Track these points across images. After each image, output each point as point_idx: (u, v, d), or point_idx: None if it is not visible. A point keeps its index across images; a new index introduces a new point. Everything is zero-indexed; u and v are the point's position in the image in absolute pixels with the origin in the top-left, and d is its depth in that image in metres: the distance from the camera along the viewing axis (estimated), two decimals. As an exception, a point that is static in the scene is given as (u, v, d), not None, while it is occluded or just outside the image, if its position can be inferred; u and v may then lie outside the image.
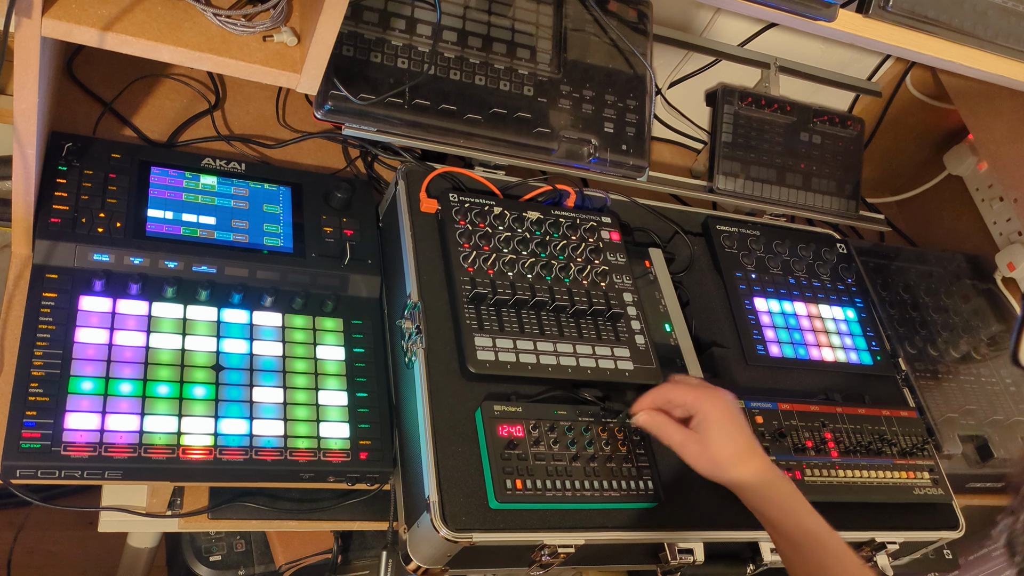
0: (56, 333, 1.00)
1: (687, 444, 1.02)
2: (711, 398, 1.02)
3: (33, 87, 0.88)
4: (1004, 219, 1.72)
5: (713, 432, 1.00)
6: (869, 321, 1.45)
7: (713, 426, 1.00)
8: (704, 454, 1.01)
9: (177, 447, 0.98)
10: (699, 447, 1.01)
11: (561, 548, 1.03)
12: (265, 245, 1.16)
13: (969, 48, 1.18)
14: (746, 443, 1.01)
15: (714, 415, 1.00)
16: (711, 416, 1.01)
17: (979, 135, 1.59)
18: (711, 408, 1.01)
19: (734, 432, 1.01)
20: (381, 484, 1.09)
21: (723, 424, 1.00)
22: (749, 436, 1.02)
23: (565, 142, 1.32)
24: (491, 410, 1.04)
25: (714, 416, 1.00)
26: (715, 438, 1.00)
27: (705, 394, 1.02)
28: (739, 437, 1.01)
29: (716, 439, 1.00)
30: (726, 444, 1.00)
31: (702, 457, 1.01)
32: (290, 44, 0.95)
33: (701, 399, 1.02)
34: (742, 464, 1.00)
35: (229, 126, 1.34)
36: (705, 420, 1.01)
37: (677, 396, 1.04)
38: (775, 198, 1.54)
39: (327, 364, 1.12)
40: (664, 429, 1.04)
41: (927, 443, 1.31)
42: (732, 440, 1.00)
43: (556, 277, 1.18)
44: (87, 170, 1.11)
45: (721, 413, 1.01)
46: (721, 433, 1.00)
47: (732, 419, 1.01)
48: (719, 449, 1.00)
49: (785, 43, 1.61)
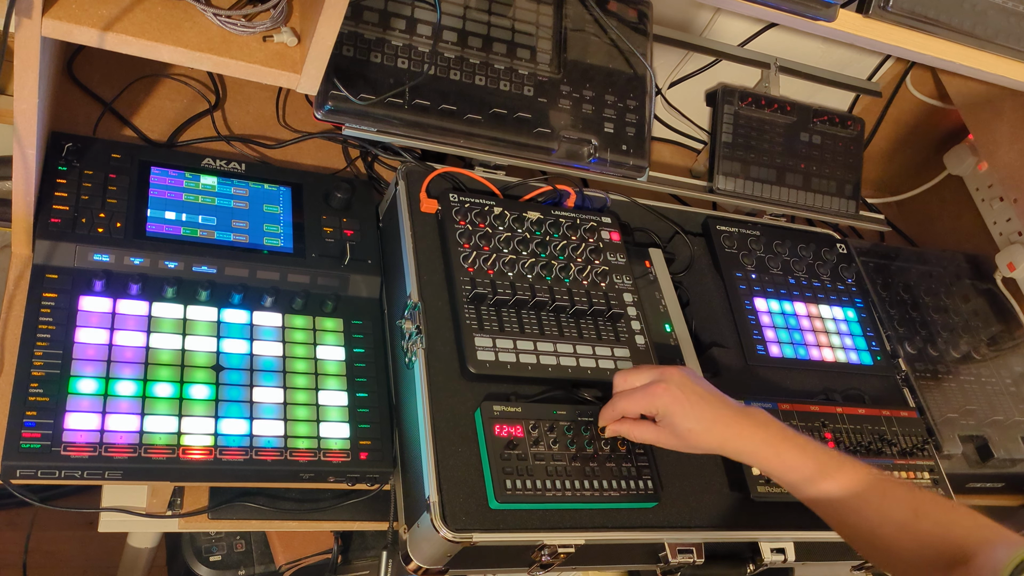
0: (56, 333, 1.00)
1: (661, 439, 1.03)
2: (658, 394, 1.01)
3: (33, 87, 0.88)
4: (1004, 219, 1.72)
5: (677, 421, 1.00)
6: (869, 321, 1.45)
7: (674, 416, 1.00)
8: (681, 442, 1.01)
9: (177, 447, 0.98)
10: (673, 439, 1.02)
11: (561, 548, 1.03)
12: (265, 245, 1.16)
13: (969, 48, 1.18)
14: (709, 410, 1.00)
15: (669, 407, 1.00)
16: (667, 408, 1.00)
17: (979, 135, 1.59)
18: (661, 402, 1.00)
19: (692, 410, 1.00)
20: (381, 484, 1.09)
21: (683, 409, 1.00)
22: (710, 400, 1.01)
23: (565, 142, 1.32)
24: (491, 410, 1.04)
25: (669, 407, 1.00)
26: (680, 425, 1.00)
27: (650, 391, 1.01)
28: (698, 410, 1.00)
29: (682, 425, 1.00)
30: (693, 426, 1.00)
31: (681, 445, 1.02)
32: (290, 44, 0.95)
33: (649, 398, 1.01)
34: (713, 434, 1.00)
35: (229, 126, 1.34)
36: (664, 414, 1.01)
37: (627, 406, 1.03)
38: (775, 198, 1.54)
39: (327, 364, 1.12)
40: (633, 433, 1.04)
41: (927, 443, 1.31)
42: (697, 419, 1.00)
43: (556, 277, 1.18)
44: (87, 170, 1.11)
45: (673, 400, 1.00)
46: (685, 418, 1.00)
47: (686, 400, 1.00)
48: (690, 435, 1.00)
49: (785, 43, 1.61)
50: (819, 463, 0.98)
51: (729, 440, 1.01)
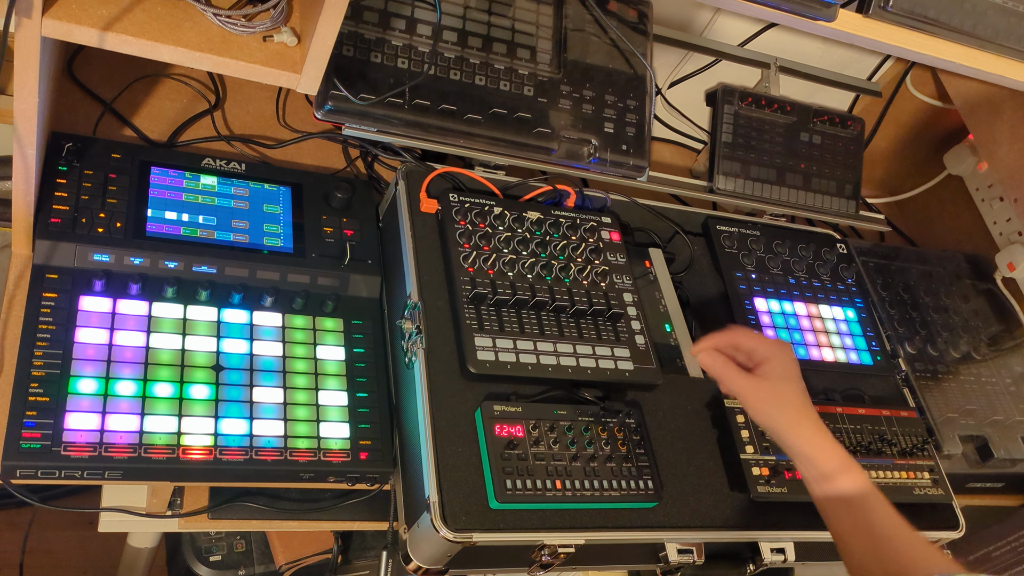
0: (56, 333, 1.00)
1: (752, 388, 1.02)
2: (784, 349, 1.04)
3: (33, 87, 0.88)
4: (1004, 219, 1.72)
5: (784, 382, 1.02)
6: (869, 321, 1.45)
7: (785, 374, 1.02)
8: (772, 400, 1.01)
9: (177, 447, 0.98)
10: (767, 393, 1.01)
11: (561, 548, 1.03)
12: (265, 245, 1.16)
13: (969, 48, 1.18)
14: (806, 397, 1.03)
15: (788, 364, 1.02)
16: (785, 363, 1.02)
17: (979, 135, 1.59)
18: (785, 356, 1.02)
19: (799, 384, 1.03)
20: (381, 484, 1.09)
21: (793, 375, 1.02)
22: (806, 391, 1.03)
23: (565, 142, 1.32)
24: (491, 410, 1.04)
25: (787, 365, 1.02)
26: (784, 386, 1.01)
27: (776, 342, 1.04)
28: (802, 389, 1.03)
29: (785, 387, 1.01)
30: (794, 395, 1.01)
31: (767, 403, 1.01)
32: (290, 44, 0.95)
33: (773, 347, 1.03)
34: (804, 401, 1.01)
35: (229, 126, 1.34)
36: (779, 367, 1.02)
37: (747, 341, 1.05)
38: (775, 198, 1.54)
39: (327, 364, 1.12)
40: (727, 371, 1.04)
41: (927, 443, 1.31)
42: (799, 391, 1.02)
43: (556, 277, 1.18)
44: (87, 170, 1.11)
45: (793, 362, 1.03)
46: (790, 384, 1.02)
47: (797, 371, 1.04)
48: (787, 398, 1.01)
49: (785, 43, 1.61)
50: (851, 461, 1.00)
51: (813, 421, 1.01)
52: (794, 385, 1.03)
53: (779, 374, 1.03)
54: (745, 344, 1.06)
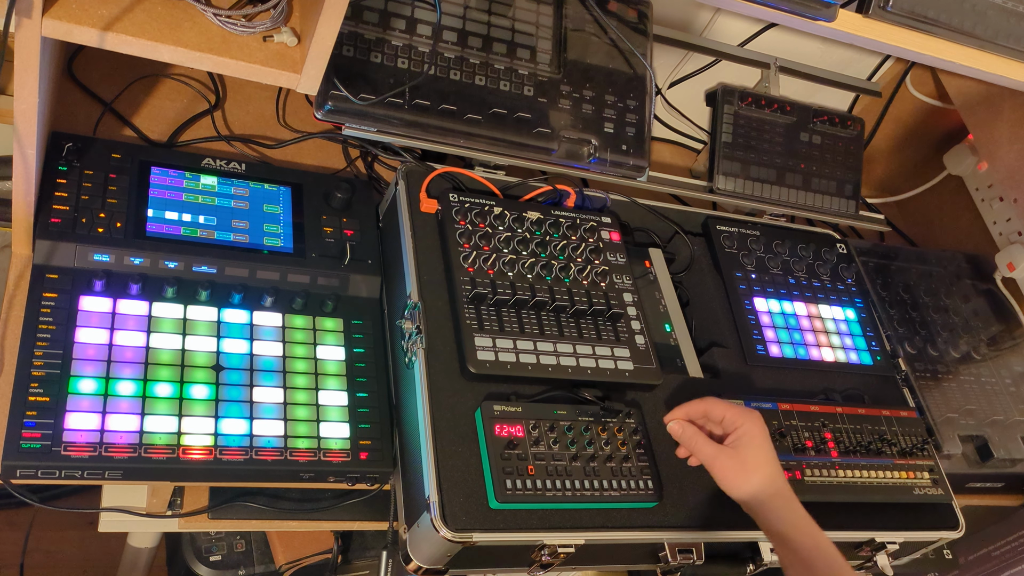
0: (56, 333, 1.00)
1: (720, 459, 1.03)
2: (753, 417, 1.04)
3: (33, 87, 0.88)
4: (1004, 219, 1.72)
5: (752, 451, 1.02)
6: (869, 321, 1.45)
7: (753, 444, 1.02)
8: (739, 470, 1.02)
9: (177, 447, 0.98)
10: (735, 463, 1.02)
11: (561, 548, 1.03)
12: (265, 245, 1.16)
13: (969, 48, 1.18)
14: (776, 467, 1.03)
15: (756, 434, 1.03)
16: (752, 433, 1.03)
17: (979, 135, 1.60)
18: (753, 426, 1.03)
19: (769, 454, 1.03)
20: (381, 484, 1.09)
21: (762, 445, 1.03)
22: (776, 460, 1.04)
23: (565, 142, 1.32)
24: (491, 410, 1.04)
25: (755, 435, 1.03)
26: (752, 456, 1.02)
27: (747, 413, 1.04)
28: (772, 459, 1.03)
29: (753, 457, 1.02)
30: (762, 464, 1.02)
31: (735, 473, 1.02)
32: (290, 44, 0.95)
33: (743, 416, 1.04)
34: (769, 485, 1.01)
35: (229, 126, 1.34)
36: (746, 436, 1.03)
37: (717, 410, 1.06)
38: (775, 198, 1.54)
39: (327, 364, 1.12)
40: (696, 441, 1.05)
41: (927, 443, 1.31)
42: (768, 461, 1.02)
43: (556, 277, 1.18)
44: (87, 170, 1.11)
45: (761, 433, 1.03)
46: (760, 453, 1.02)
47: (768, 441, 1.04)
48: (754, 468, 1.01)
49: (785, 43, 1.61)
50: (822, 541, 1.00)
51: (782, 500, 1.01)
52: (763, 455, 1.02)
53: (747, 443, 1.02)
54: (715, 413, 1.06)
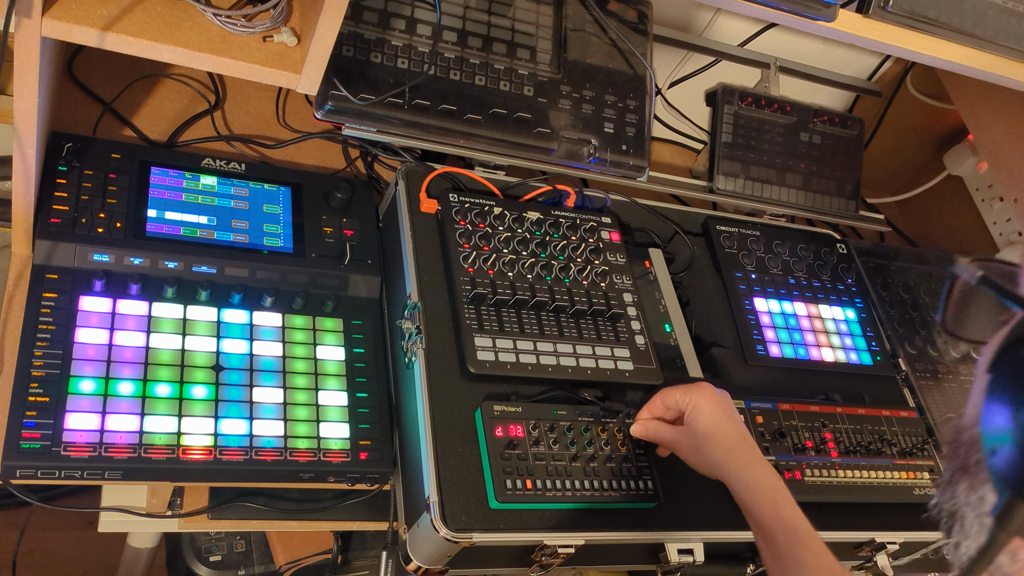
0: (56, 333, 1.00)
1: (679, 439, 1.03)
2: (699, 390, 1.03)
3: (33, 87, 0.88)
4: (1004, 219, 1.72)
5: (701, 421, 1.01)
6: (869, 321, 1.45)
7: (700, 411, 1.01)
8: (695, 446, 1.01)
9: (177, 447, 0.98)
10: (690, 439, 1.02)
11: (561, 548, 1.03)
12: (265, 245, 1.16)
13: (969, 48, 1.18)
14: (732, 427, 1.01)
15: (702, 405, 1.01)
16: (699, 406, 1.01)
17: (979, 135, 1.59)
18: (699, 399, 1.02)
19: (723, 421, 1.01)
20: (381, 484, 1.09)
21: (711, 409, 1.01)
22: (738, 425, 1.02)
23: (565, 142, 1.32)
24: (491, 410, 1.04)
25: (702, 406, 1.01)
26: (702, 424, 1.01)
27: (693, 388, 1.03)
28: (728, 426, 1.01)
29: (702, 423, 1.01)
30: (711, 426, 1.00)
31: (693, 449, 1.01)
32: (290, 44, 0.95)
33: (689, 392, 1.03)
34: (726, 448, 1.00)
35: (229, 126, 1.34)
36: (694, 410, 1.02)
37: (667, 397, 1.05)
38: (775, 198, 1.54)
39: (327, 364, 1.12)
40: (657, 431, 1.05)
41: (927, 443, 1.31)
42: (716, 422, 1.00)
43: (556, 277, 1.18)
44: (87, 170, 1.11)
45: (709, 403, 1.01)
46: (710, 421, 1.01)
47: (718, 405, 1.02)
48: (704, 432, 1.00)
49: (785, 43, 1.61)
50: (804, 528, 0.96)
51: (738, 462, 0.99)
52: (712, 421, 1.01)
53: (695, 415, 1.01)
54: (668, 400, 1.05)
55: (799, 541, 0.93)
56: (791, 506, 0.96)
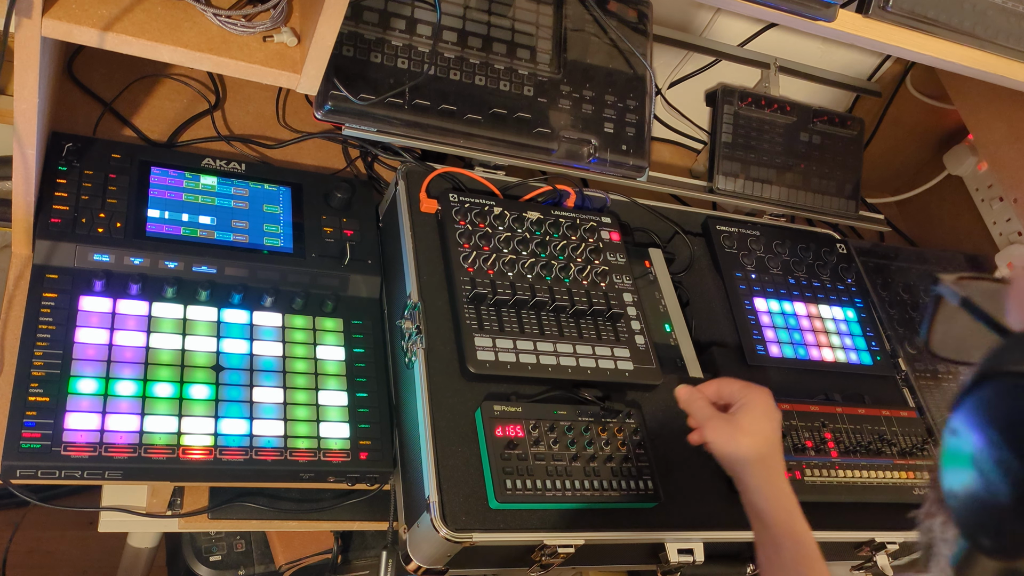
0: (56, 333, 1.00)
1: (713, 420, 1.02)
2: (759, 390, 1.03)
3: (33, 87, 0.88)
4: (1004, 219, 1.72)
5: (748, 417, 1.01)
6: (869, 321, 1.45)
7: (753, 411, 1.01)
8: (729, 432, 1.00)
9: (177, 447, 0.98)
10: (728, 426, 1.01)
11: (561, 548, 1.03)
12: (265, 245, 1.16)
13: (969, 48, 1.18)
14: (774, 441, 1.01)
15: (758, 403, 1.02)
16: (755, 402, 1.02)
17: (979, 135, 1.59)
18: (756, 397, 1.02)
19: (767, 427, 1.01)
20: (381, 484, 1.09)
21: (762, 415, 1.01)
22: (778, 437, 1.02)
23: (565, 142, 1.32)
24: (491, 410, 1.04)
25: (757, 404, 1.02)
26: (748, 422, 1.00)
27: (754, 387, 1.04)
28: (770, 434, 1.01)
29: (748, 423, 1.00)
30: (755, 431, 1.00)
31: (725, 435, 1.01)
32: (290, 44, 0.95)
33: (749, 388, 1.03)
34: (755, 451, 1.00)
35: (229, 126, 1.34)
36: (747, 404, 1.02)
37: (725, 386, 1.05)
38: (775, 198, 1.54)
39: (327, 364, 1.12)
40: (697, 403, 1.04)
41: (927, 443, 1.31)
42: (761, 430, 1.01)
43: (556, 277, 1.18)
44: (87, 170, 1.11)
45: (763, 404, 1.02)
46: (755, 420, 1.01)
47: (770, 416, 1.02)
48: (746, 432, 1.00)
49: (785, 43, 1.61)
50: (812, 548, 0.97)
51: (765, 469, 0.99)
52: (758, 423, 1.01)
53: (746, 410, 1.01)
54: (725, 390, 1.05)
55: (805, 559, 0.95)
56: (804, 524, 0.98)
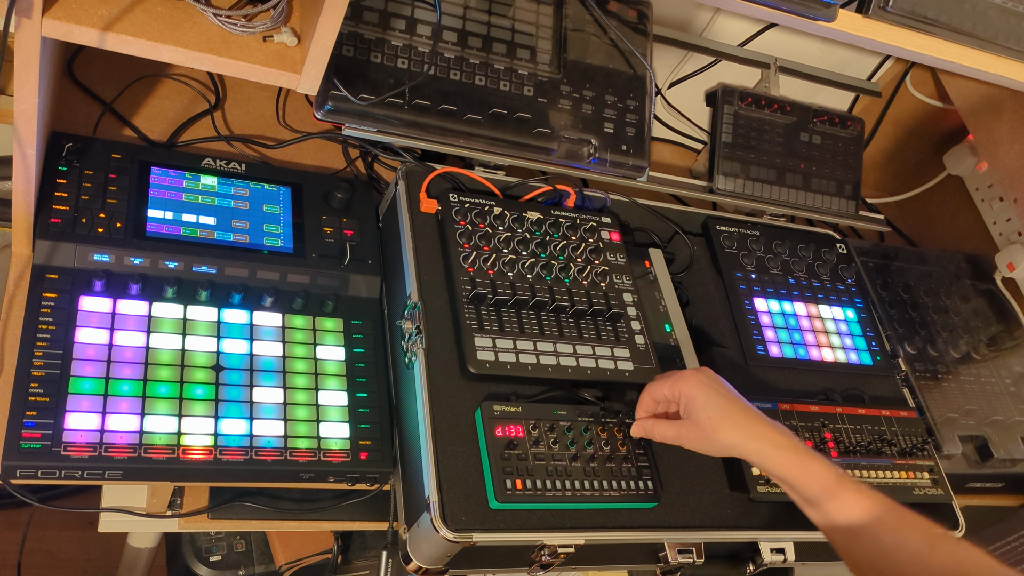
0: (56, 333, 1.00)
1: (683, 433, 1.02)
2: (684, 379, 1.02)
3: (33, 87, 0.88)
4: (1004, 219, 1.72)
5: (698, 407, 1.00)
6: (869, 321, 1.45)
7: (696, 401, 1.00)
8: (701, 436, 1.00)
9: (177, 447, 0.98)
10: (695, 432, 1.01)
11: (561, 548, 1.03)
12: (265, 245, 1.16)
13: (969, 48, 1.18)
14: (732, 405, 1.00)
15: (693, 391, 1.01)
16: (690, 393, 1.01)
17: (979, 135, 1.59)
18: (687, 386, 1.01)
19: (717, 399, 1.00)
20: (381, 484, 1.09)
21: (706, 396, 1.00)
22: (735, 400, 1.01)
23: (565, 142, 1.32)
24: (491, 410, 1.04)
25: (693, 392, 1.01)
26: (701, 412, 1.00)
27: (679, 378, 1.03)
28: (722, 401, 1.00)
29: (703, 412, 0.99)
30: (713, 412, 0.99)
31: (700, 438, 1.00)
32: (290, 44, 0.95)
33: (676, 384, 1.02)
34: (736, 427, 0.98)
35: (229, 126, 1.34)
36: (687, 400, 1.01)
37: (655, 392, 1.05)
38: (775, 198, 1.54)
39: (327, 364, 1.12)
40: (656, 429, 1.05)
41: (927, 443, 1.31)
42: (717, 406, 0.99)
43: (556, 277, 1.18)
44: (87, 170, 1.11)
45: (698, 386, 1.01)
46: (708, 406, 0.99)
47: (711, 388, 1.01)
48: (713, 426, 0.99)
49: (785, 43, 1.61)
50: (841, 479, 0.94)
51: (752, 437, 0.97)
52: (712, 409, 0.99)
53: (693, 406, 1.00)
54: (656, 394, 1.05)
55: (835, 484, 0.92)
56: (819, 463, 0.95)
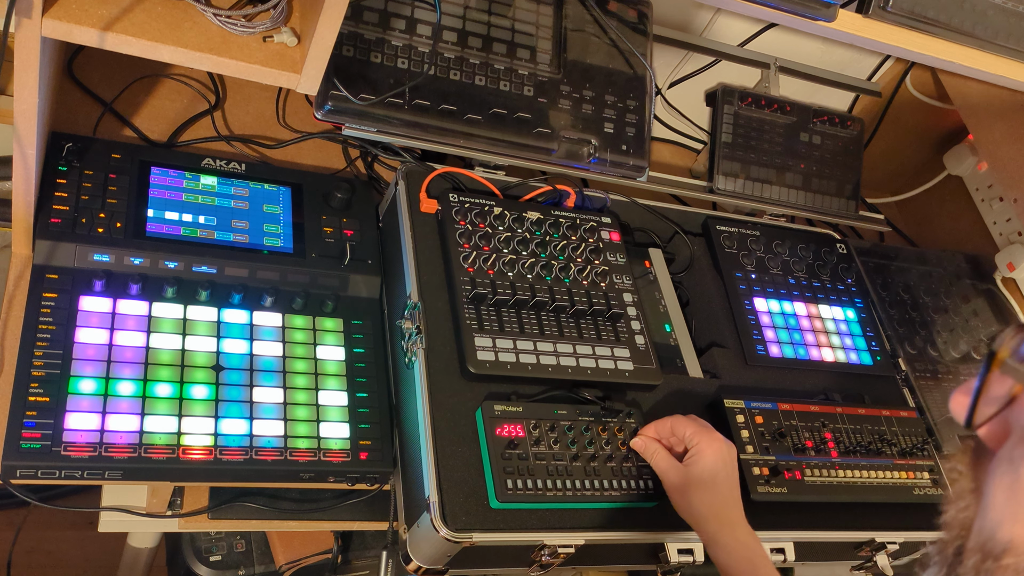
0: (56, 333, 1.00)
1: (670, 473, 1.02)
2: (709, 436, 1.02)
3: (33, 87, 0.88)
4: (1004, 219, 1.72)
5: (698, 467, 1.00)
6: (869, 321, 1.45)
7: (701, 461, 1.00)
8: (683, 487, 1.01)
9: (177, 447, 0.98)
10: (681, 479, 1.01)
11: (561, 548, 1.03)
12: (265, 245, 1.16)
13: (969, 48, 1.18)
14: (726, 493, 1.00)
15: (707, 453, 1.01)
16: (703, 451, 1.01)
17: (979, 135, 1.59)
18: (705, 445, 1.01)
19: (718, 477, 1.00)
20: (381, 484, 1.09)
21: (713, 465, 1.00)
22: (731, 486, 1.01)
23: (565, 142, 1.32)
24: (491, 410, 1.04)
25: (706, 454, 1.01)
26: (696, 473, 1.00)
27: (705, 431, 1.03)
28: (721, 484, 1.00)
29: (697, 477, 1.00)
30: (703, 488, 0.99)
31: (679, 489, 1.01)
32: (290, 44, 0.95)
33: (700, 433, 1.02)
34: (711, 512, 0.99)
35: (229, 126, 1.34)
36: (696, 454, 1.01)
37: (681, 427, 1.05)
38: (775, 198, 1.54)
39: (327, 364, 1.12)
40: (655, 455, 1.05)
41: (927, 443, 1.31)
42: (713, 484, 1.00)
43: (556, 277, 1.18)
44: (87, 170, 1.11)
45: (717, 453, 1.01)
46: (706, 472, 1.00)
47: (722, 463, 1.01)
48: (697, 487, 0.99)
49: (785, 43, 1.61)
50: None
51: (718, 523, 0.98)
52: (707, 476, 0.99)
53: (695, 463, 1.01)
54: (679, 430, 1.05)
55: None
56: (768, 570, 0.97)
